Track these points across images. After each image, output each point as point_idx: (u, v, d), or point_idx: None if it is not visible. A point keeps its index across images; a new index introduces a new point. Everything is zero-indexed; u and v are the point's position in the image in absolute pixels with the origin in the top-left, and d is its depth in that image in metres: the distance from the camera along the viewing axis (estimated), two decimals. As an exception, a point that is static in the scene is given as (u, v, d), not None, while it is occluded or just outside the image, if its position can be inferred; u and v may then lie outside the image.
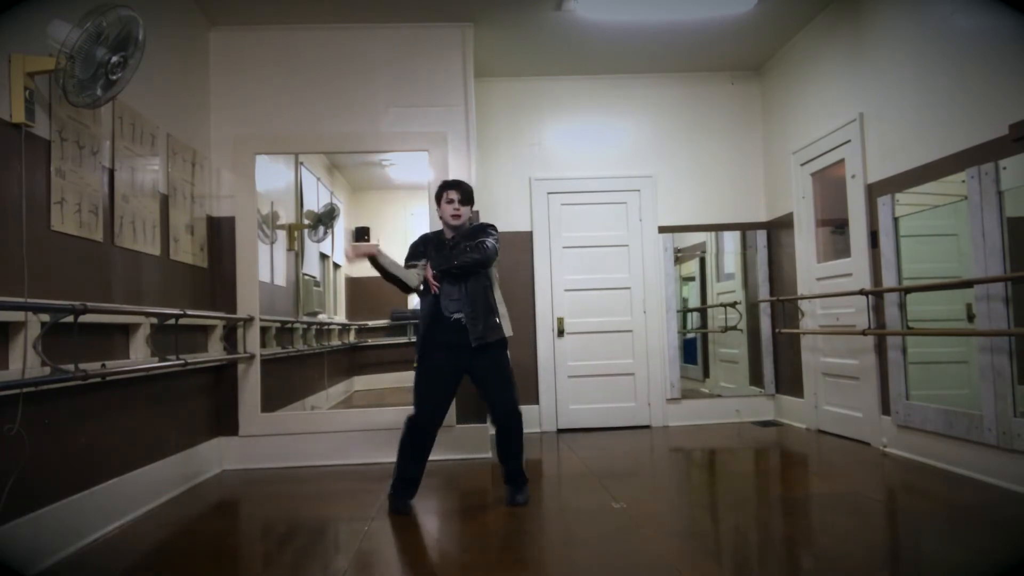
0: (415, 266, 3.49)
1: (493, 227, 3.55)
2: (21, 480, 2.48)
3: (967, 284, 3.55)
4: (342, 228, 6.22)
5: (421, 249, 3.55)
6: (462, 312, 3.39)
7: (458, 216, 3.49)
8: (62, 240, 2.91)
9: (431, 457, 3.50)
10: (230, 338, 4.48)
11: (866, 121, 4.51)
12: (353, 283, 6.72)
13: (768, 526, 3.26)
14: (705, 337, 6.26)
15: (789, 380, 5.64)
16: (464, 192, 3.52)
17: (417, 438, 3.43)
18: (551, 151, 5.88)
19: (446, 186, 3.55)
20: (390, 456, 3.59)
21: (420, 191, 4.92)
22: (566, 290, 5.79)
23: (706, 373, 6.26)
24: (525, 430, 3.53)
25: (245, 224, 4.63)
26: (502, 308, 3.50)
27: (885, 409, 4.36)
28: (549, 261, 5.80)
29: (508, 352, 3.51)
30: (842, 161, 4.76)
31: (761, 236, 5.91)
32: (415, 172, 5.10)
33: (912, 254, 4.15)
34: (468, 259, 3.36)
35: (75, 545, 2.87)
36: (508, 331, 3.49)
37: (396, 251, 3.55)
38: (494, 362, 3.43)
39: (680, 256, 6.00)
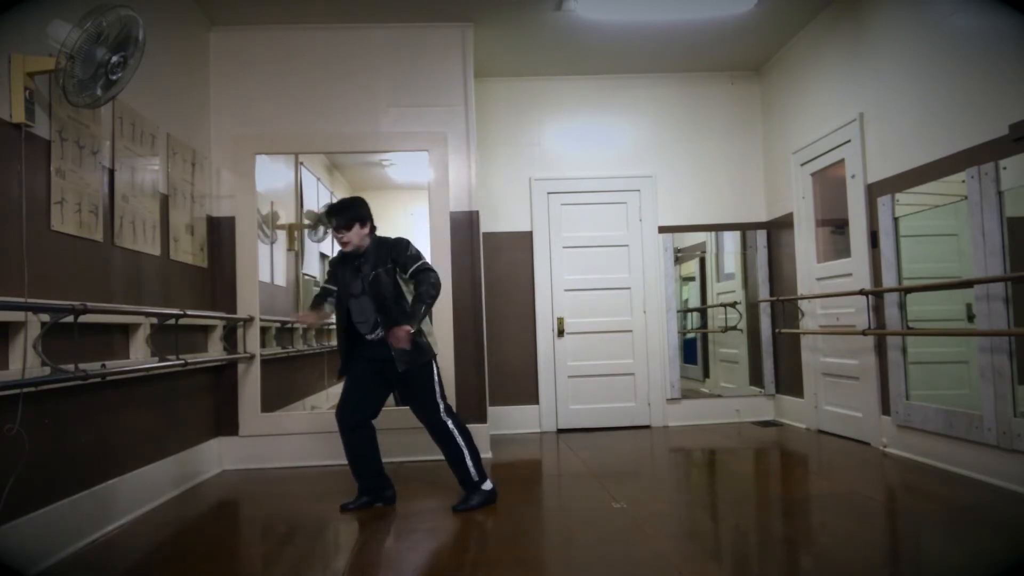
0: (330, 290, 3.50)
1: (406, 246, 3.38)
2: (21, 480, 2.48)
3: (967, 284, 3.55)
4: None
5: (338, 272, 3.48)
6: (380, 332, 3.35)
7: (346, 244, 3.37)
8: (62, 240, 2.91)
9: (431, 456, 3.50)
10: (230, 338, 4.48)
11: (866, 121, 4.51)
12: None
13: (768, 526, 3.26)
14: (705, 337, 6.26)
15: (789, 380, 5.64)
16: (342, 216, 3.35)
17: (345, 436, 3.44)
18: (551, 151, 5.88)
19: (328, 214, 3.43)
20: (389, 456, 3.61)
21: (420, 191, 4.92)
22: (566, 290, 5.79)
23: (706, 373, 6.26)
24: (525, 430, 3.53)
25: (245, 224, 4.63)
26: (428, 326, 3.42)
27: (885, 409, 4.36)
28: (549, 261, 5.79)
29: (436, 364, 3.43)
30: (842, 161, 4.76)
31: (761, 236, 5.91)
32: (415, 172, 5.10)
33: (912, 254, 4.14)
34: (428, 302, 3.30)
35: (75, 545, 2.87)
36: (435, 348, 3.44)
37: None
38: (419, 386, 3.39)
39: (680, 256, 6.00)
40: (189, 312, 3.76)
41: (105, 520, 3.11)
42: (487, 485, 3.41)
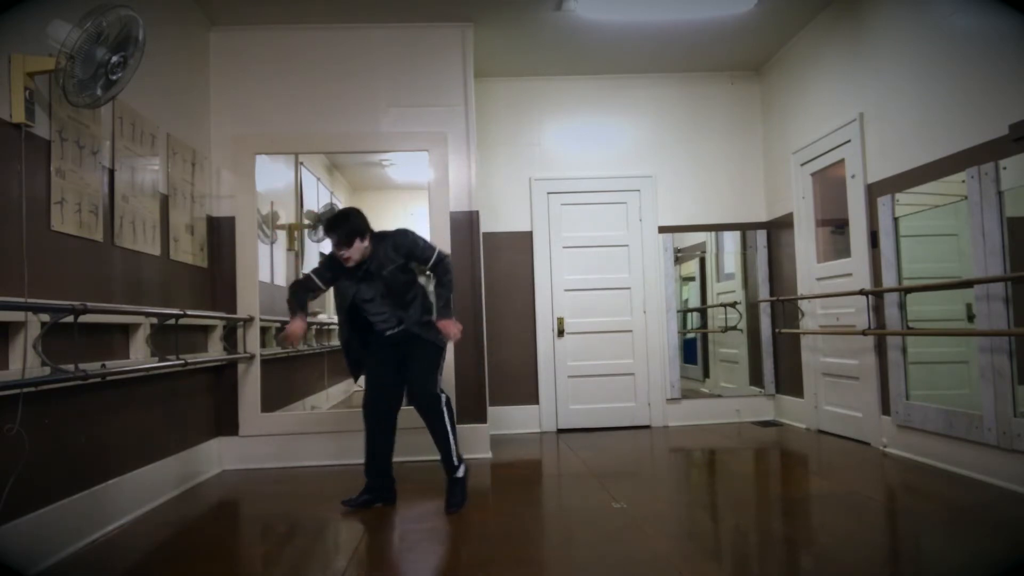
0: (313, 282, 3.52)
1: (414, 239, 3.42)
2: (21, 480, 2.48)
3: (967, 284, 3.55)
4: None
5: (328, 275, 3.49)
6: (400, 327, 3.42)
7: (348, 259, 3.33)
8: (62, 240, 2.91)
9: (431, 456, 3.50)
10: (230, 338, 4.48)
11: (866, 121, 4.51)
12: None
13: (768, 526, 3.26)
14: (705, 337, 6.26)
15: (789, 380, 5.64)
16: (342, 232, 3.28)
17: (370, 431, 3.48)
18: (551, 151, 5.88)
19: (325, 231, 3.39)
20: (390, 456, 3.61)
21: (420, 191, 4.92)
22: (566, 290, 5.79)
23: (706, 373, 6.26)
24: (525, 430, 3.53)
25: (245, 224, 4.63)
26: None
27: (885, 409, 4.36)
28: (549, 261, 5.80)
29: (443, 353, 3.49)
30: (842, 161, 4.76)
31: (761, 236, 5.91)
32: (415, 172, 5.10)
33: (912, 254, 4.15)
34: (452, 289, 3.42)
35: (75, 545, 2.87)
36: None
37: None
38: (425, 362, 3.41)
39: (680, 256, 6.00)
40: (189, 312, 3.76)
41: (105, 520, 3.11)
42: (461, 472, 3.42)
